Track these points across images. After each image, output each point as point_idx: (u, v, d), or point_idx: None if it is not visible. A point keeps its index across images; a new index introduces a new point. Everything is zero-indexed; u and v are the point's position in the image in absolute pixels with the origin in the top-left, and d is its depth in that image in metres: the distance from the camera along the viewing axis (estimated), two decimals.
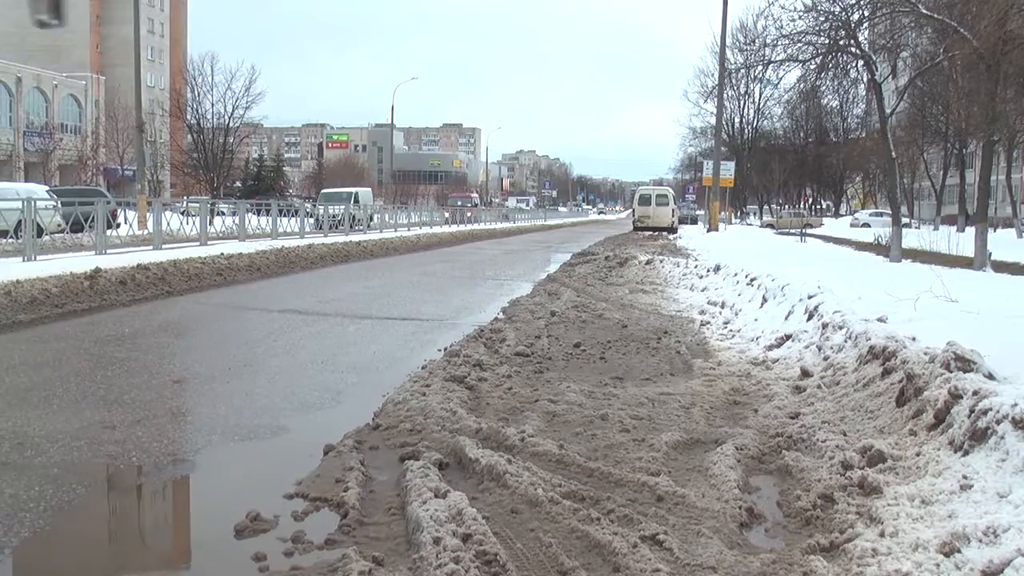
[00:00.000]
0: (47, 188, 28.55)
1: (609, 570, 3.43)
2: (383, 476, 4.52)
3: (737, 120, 59.81)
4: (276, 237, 22.08)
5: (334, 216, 29.12)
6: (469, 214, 50.59)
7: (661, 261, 18.88)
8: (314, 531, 3.78)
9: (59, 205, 20.64)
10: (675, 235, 36.90)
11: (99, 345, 8.15)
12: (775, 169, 58.39)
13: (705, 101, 49.56)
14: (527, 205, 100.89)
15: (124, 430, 5.22)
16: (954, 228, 31.29)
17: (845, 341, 6.90)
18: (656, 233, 38.87)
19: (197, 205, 24.71)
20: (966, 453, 4.08)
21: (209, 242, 18.74)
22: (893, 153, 18.73)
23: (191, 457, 4.86)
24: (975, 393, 4.36)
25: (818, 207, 70.08)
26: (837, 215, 63.59)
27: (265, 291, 13.39)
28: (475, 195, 63.65)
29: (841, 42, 17.04)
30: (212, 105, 48.19)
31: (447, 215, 47.48)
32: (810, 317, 8.20)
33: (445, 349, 8.00)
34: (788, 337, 8.16)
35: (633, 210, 47.11)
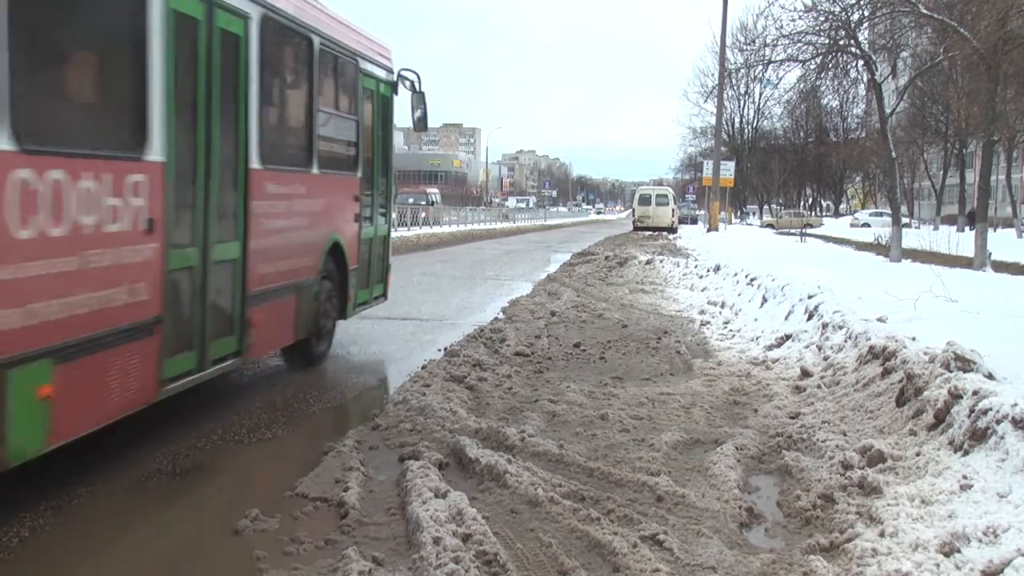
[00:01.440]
0: None
1: (609, 570, 3.44)
2: (383, 476, 4.52)
3: (737, 120, 59.79)
4: None
5: None
6: (424, 214, 37.24)
7: (661, 261, 18.88)
8: (314, 531, 3.78)
9: None
10: (675, 235, 36.92)
11: None
12: (775, 169, 58.33)
13: (705, 101, 49.49)
14: (527, 205, 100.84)
15: (124, 429, 5.22)
16: (954, 228, 31.29)
17: (845, 341, 6.91)
18: (656, 233, 38.88)
19: None
20: (966, 453, 4.08)
21: None
22: (893, 153, 18.74)
23: (191, 457, 4.86)
24: (975, 393, 4.36)
25: (818, 207, 70.07)
26: (837, 215, 63.59)
27: None
28: (433, 191, 50.46)
29: (841, 42, 17.06)
30: None
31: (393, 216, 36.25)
32: (810, 317, 8.20)
33: (445, 349, 8.00)
34: (788, 337, 8.16)
35: (633, 210, 47.13)
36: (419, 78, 8.94)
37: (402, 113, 9.48)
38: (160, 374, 4.78)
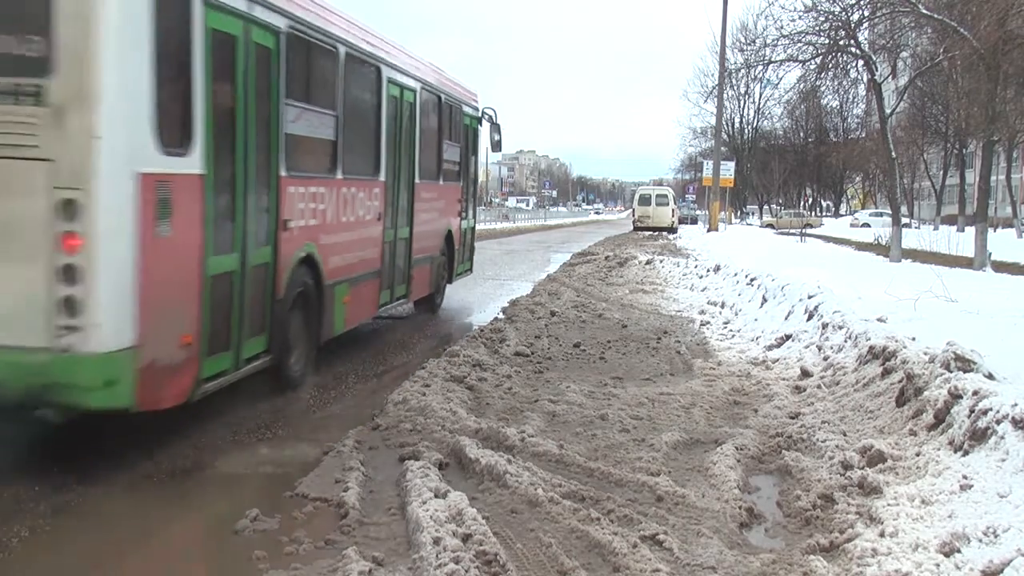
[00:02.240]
0: None
1: (609, 570, 3.43)
2: (383, 476, 4.52)
3: (737, 120, 59.74)
4: None
5: None
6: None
7: (661, 261, 18.87)
8: (314, 531, 3.78)
9: None
10: (675, 235, 36.87)
11: None
12: (775, 169, 58.29)
13: (705, 101, 49.40)
14: (527, 205, 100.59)
15: (124, 430, 5.23)
16: (954, 228, 31.26)
17: (845, 341, 6.90)
18: (656, 233, 38.84)
19: None
20: (966, 453, 4.08)
21: None
22: (893, 153, 18.73)
23: (191, 457, 4.86)
24: (975, 393, 4.36)
25: (818, 207, 70.02)
26: (837, 215, 63.54)
27: None
28: None
29: (841, 42, 17.05)
30: None
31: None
32: (810, 317, 8.20)
33: (445, 349, 8.00)
34: (788, 337, 8.16)
35: (633, 210, 47.09)
36: (496, 113, 12.57)
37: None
38: (378, 302, 8.28)
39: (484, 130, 12.63)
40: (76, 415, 4.70)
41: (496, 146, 12.94)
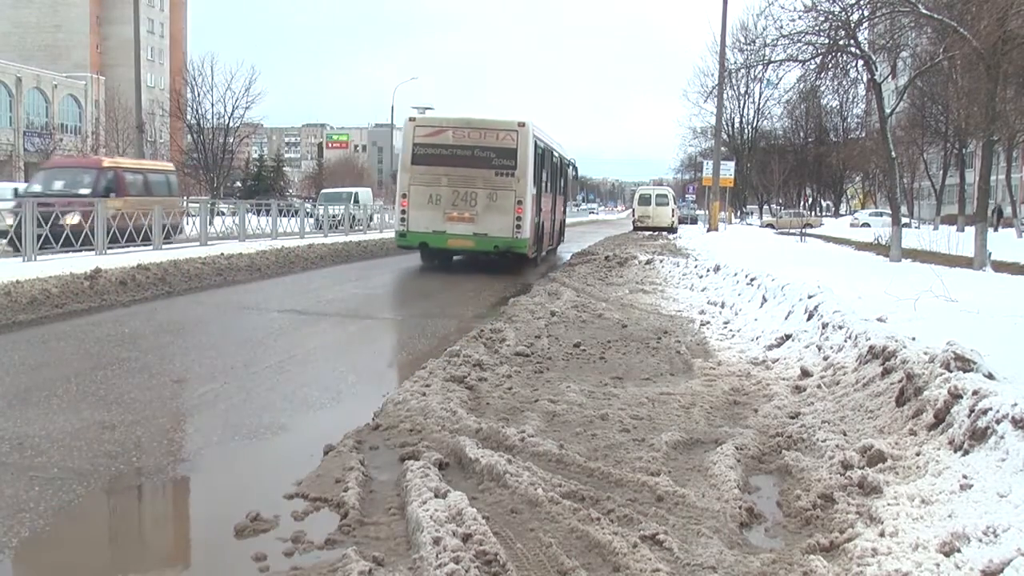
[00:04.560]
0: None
1: (609, 570, 3.43)
2: (383, 476, 4.52)
3: (737, 120, 59.83)
4: (276, 237, 22.02)
5: (334, 216, 28.94)
6: (75, 219, 15.37)
7: (661, 261, 18.87)
8: (314, 531, 3.78)
9: None
10: (675, 235, 36.87)
11: (99, 345, 8.16)
12: (775, 169, 58.35)
13: (705, 101, 49.50)
14: None
15: (124, 430, 5.23)
16: (954, 228, 31.26)
17: (845, 341, 6.90)
18: (656, 233, 38.84)
19: (197, 205, 24.73)
20: (966, 453, 4.07)
21: (209, 242, 18.70)
22: (893, 153, 18.72)
23: (191, 457, 4.86)
24: (975, 393, 4.36)
25: (818, 207, 70.01)
26: (837, 215, 63.55)
27: (265, 291, 13.39)
28: (101, 164, 20.39)
29: (841, 42, 17.03)
30: (212, 105, 48.26)
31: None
32: (810, 317, 8.20)
33: (445, 349, 7.99)
34: (788, 337, 8.15)
35: (633, 210, 47.14)
36: (576, 159, 28.18)
37: (403, 112, 15.06)
38: (548, 245, 21.73)
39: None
40: (514, 257, 17.22)
41: (574, 178, 29.41)
